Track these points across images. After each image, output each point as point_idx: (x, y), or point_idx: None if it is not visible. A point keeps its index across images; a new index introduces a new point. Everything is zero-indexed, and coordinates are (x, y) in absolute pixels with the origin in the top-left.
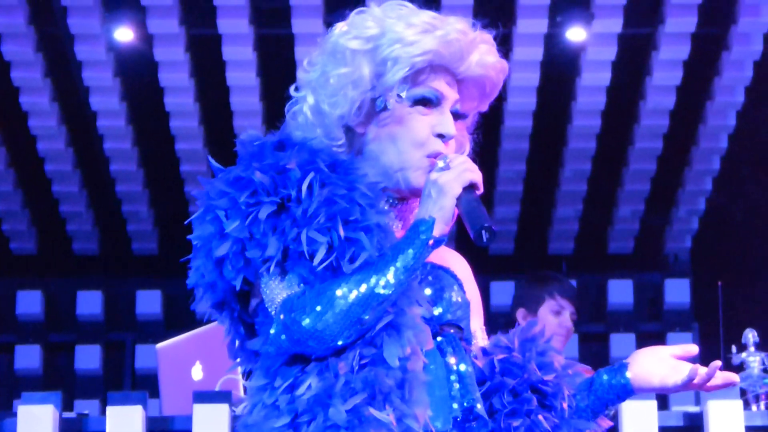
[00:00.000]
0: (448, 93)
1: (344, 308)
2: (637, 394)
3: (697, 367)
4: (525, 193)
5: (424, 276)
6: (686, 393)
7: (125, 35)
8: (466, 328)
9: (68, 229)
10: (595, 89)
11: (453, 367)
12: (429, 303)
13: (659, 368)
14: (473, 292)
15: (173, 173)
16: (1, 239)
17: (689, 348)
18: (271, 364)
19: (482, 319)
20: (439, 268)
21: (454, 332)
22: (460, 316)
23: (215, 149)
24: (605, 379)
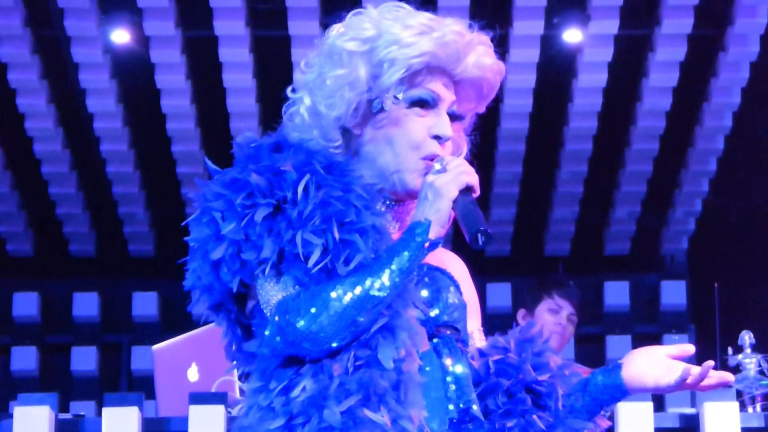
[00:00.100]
0: (445, 94)
1: (339, 310)
2: (631, 395)
3: (689, 367)
4: (521, 195)
5: (420, 277)
6: (682, 394)
7: (122, 37)
8: (462, 330)
9: (65, 231)
10: (591, 91)
11: (449, 368)
12: (426, 304)
13: (654, 368)
14: (470, 293)
15: (170, 175)
16: None
17: (685, 348)
18: (267, 366)
19: (479, 320)
20: (436, 270)
21: (450, 334)
22: (456, 318)
23: (212, 151)
24: (600, 380)
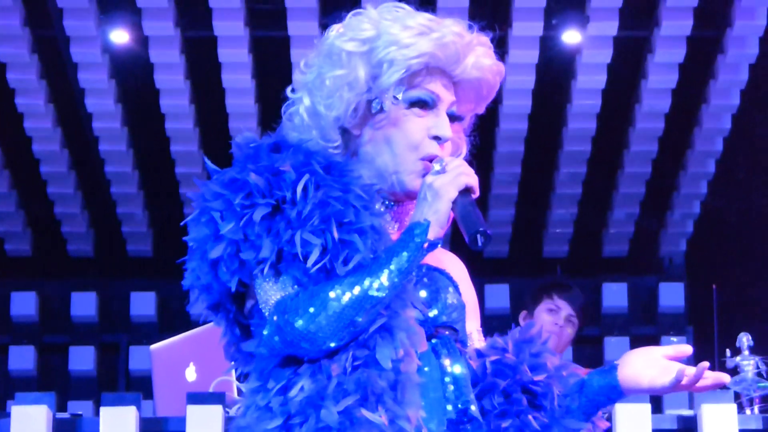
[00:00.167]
0: (444, 95)
1: (337, 310)
2: (627, 396)
3: (685, 367)
4: (520, 196)
5: (419, 278)
6: (680, 396)
7: (120, 37)
8: (461, 330)
9: (63, 231)
10: (590, 92)
11: (447, 369)
12: (424, 305)
13: (649, 370)
14: (469, 293)
15: (168, 175)
16: None
17: (682, 348)
18: (265, 366)
19: (479, 320)
20: (435, 270)
21: (449, 334)
22: (455, 318)
23: (210, 151)
24: (595, 381)
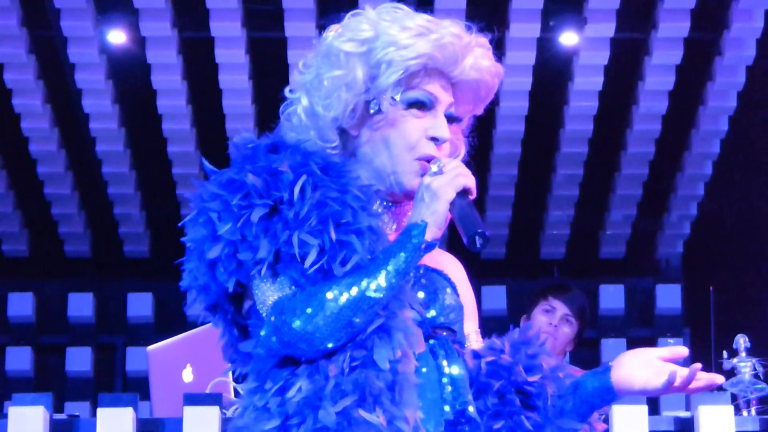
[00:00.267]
0: (442, 96)
1: (335, 311)
2: (621, 398)
3: (677, 369)
4: (517, 198)
5: (417, 279)
6: (677, 398)
7: (118, 38)
8: (459, 331)
9: (60, 231)
10: (587, 94)
11: (445, 369)
12: (422, 306)
13: (642, 372)
14: (467, 294)
15: (165, 176)
16: None
17: (677, 350)
18: (262, 367)
19: (477, 321)
20: (433, 271)
21: (446, 335)
22: (453, 319)
23: (207, 152)
24: (589, 383)
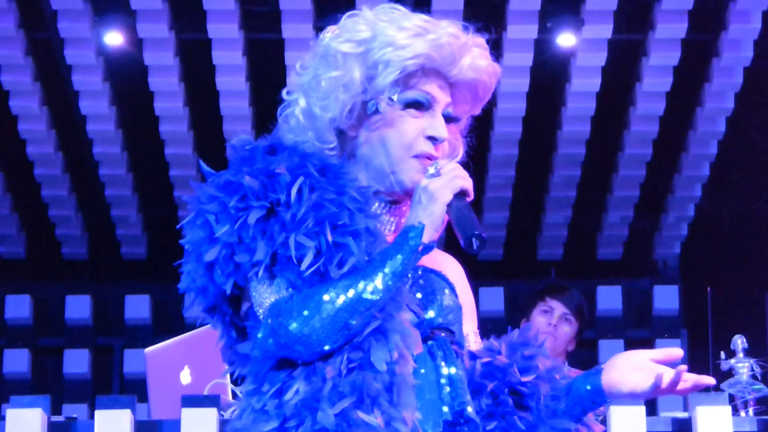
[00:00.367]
0: (440, 96)
1: (331, 313)
2: (612, 400)
3: (664, 372)
4: (514, 199)
5: (415, 280)
6: (675, 398)
7: (115, 39)
8: (457, 332)
9: (57, 234)
10: (584, 95)
11: (443, 370)
12: (420, 307)
13: (632, 375)
14: (466, 295)
15: (162, 178)
16: None
17: (671, 352)
18: (260, 369)
19: (476, 322)
20: (432, 272)
21: (445, 336)
22: (451, 320)
23: (205, 154)
24: (581, 384)
